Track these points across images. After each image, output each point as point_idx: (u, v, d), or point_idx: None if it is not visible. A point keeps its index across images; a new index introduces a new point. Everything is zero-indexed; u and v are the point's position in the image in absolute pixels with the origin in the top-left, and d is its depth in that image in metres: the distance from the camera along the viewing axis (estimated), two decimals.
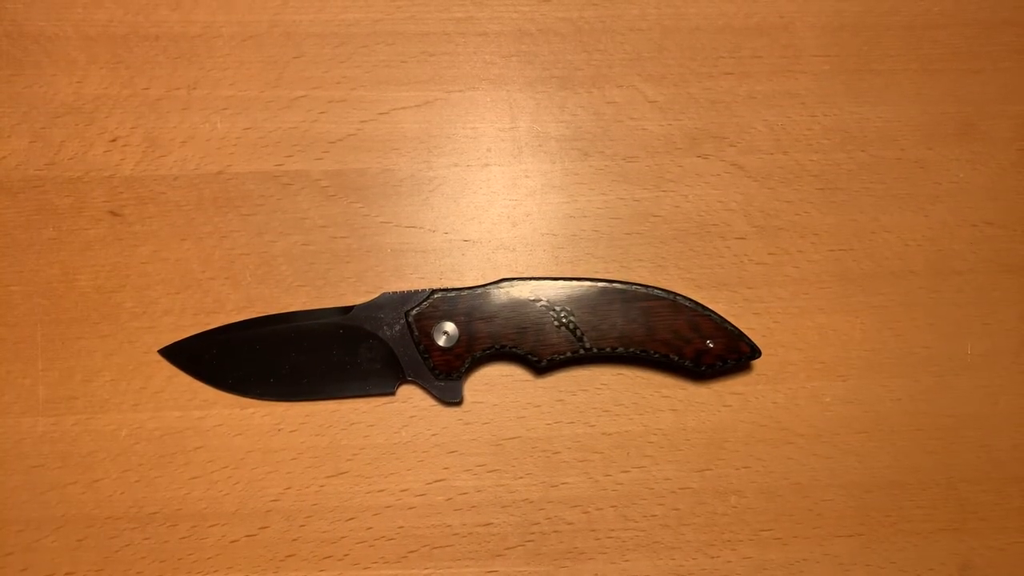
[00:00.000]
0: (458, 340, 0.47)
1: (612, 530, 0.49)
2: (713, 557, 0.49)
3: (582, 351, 0.48)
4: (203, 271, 0.49)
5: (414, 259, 0.50)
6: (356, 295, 0.50)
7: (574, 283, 0.48)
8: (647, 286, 0.48)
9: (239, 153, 0.50)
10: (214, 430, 0.49)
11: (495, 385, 0.50)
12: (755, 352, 0.48)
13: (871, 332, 0.51)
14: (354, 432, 0.49)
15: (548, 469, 0.49)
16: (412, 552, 0.48)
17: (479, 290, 0.48)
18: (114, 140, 0.50)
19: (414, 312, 0.48)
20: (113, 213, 0.50)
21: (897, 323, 0.51)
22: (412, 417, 0.49)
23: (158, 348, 0.49)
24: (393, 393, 0.49)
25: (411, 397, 0.49)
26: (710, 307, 0.48)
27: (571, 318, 0.47)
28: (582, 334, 0.47)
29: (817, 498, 0.49)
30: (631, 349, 0.48)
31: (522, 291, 0.48)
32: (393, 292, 0.48)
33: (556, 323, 0.47)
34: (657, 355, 0.48)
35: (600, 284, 0.48)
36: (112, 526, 0.48)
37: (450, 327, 0.47)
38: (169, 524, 0.48)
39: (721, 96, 0.52)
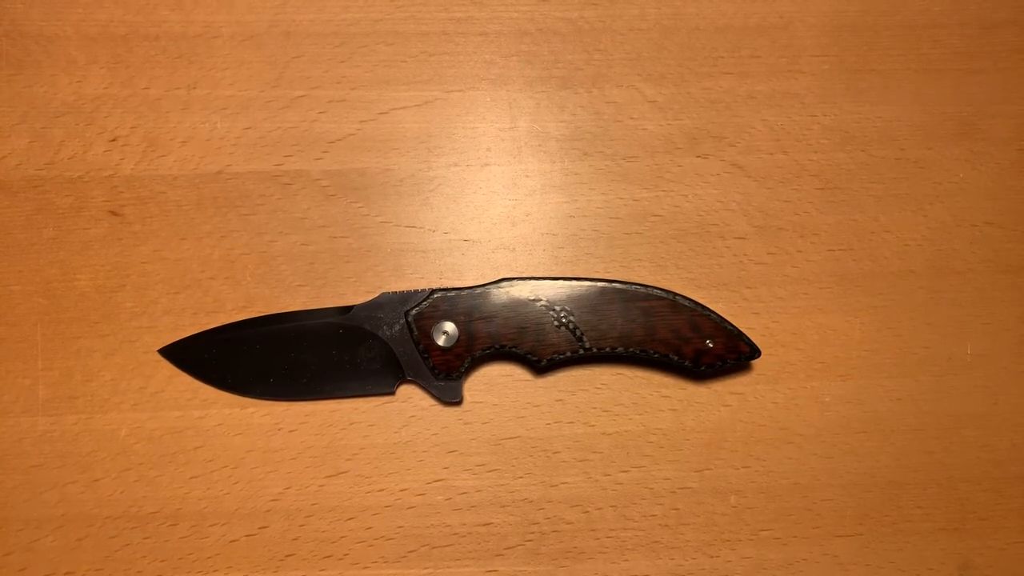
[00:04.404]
0: (458, 340, 0.47)
1: (612, 530, 0.49)
2: (712, 557, 0.49)
3: (582, 351, 0.48)
4: (203, 271, 0.50)
5: (414, 259, 0.50)
6: (356, 295, 0.50)
7: (574, 283, 0.48)
8: (647, 286, 0.48)
9: (239, 153, 0.50)
10: (214, 430, 0.49)
11: (495, 385, 0.50)
12: (754, 352, 0.48)
13: (871, 332, 0.51)
14: (354, 432, 0.49)
15: (548, 469, 0.49)
16: (412, 552, 0.48)
17: (479, 290, 0.48)
18: (114, 140, 0.50)
19: (414, 312, 0.48)
20: (113, 213, 0.50)
21: (897, 323, 0.51)
22: (412, 417, 0.49)
23: (158, 348, 0.49)
24: (393, 393, 0.49)
25: (411, 397, 0.49)
26: (710, 307, 0.48)
27: (571, 318, 0.47)
28: (582, 334, 0.47)
29: (816, 498, 0.49)
30: (631, 349, 0.48)
31: (522, 291, 0.48)
32: (393, 292, 0.48)
33: (556, 323, 0.47)
34: (657, 355, 0.48)
35: (600, 284, 0.48)
36: (112, 525, 0.48)
37: (450, 327, 0.47)
38: (169, 523, 0.48)
39: (721, 96, 0.52)
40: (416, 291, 0.48)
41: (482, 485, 0.49)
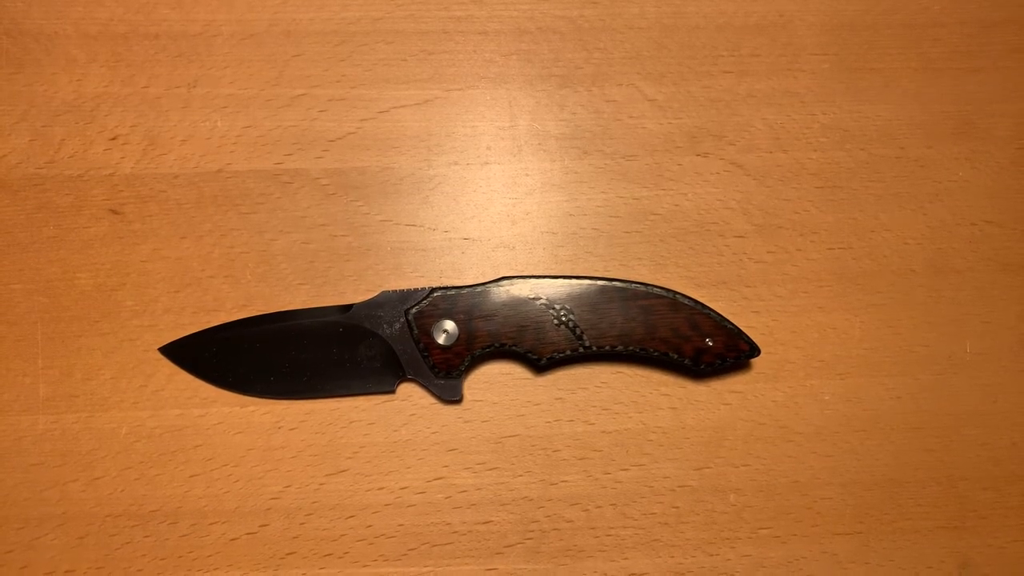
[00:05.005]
0: (458, 338, 0.48)
1: (611, 528, 0.49)
2: (712, 555, 0.49)
3: (581, 349, 0.48)
4: (203, 269, 0.50)
5: (414, 257, 0.50)
6: (356, 293, 0.50)
7: (574, 281, 0.48)
8: (646, 284, 0.48)
9: (239, 151, 0.50)
10: (214, 428, 0.49)
11: (495, 383, 0.50)
12: (754, 350, 0.48)
13: (870, 330, 0.51)
14: (354, 430, 0.49)
15: (547, 467, 0.49)
16: (412, 550, 0.48)
17: (479, 288, 0.48)
18: (114, 138, 0.50)
19: (414, 310, 0.48)
20: (113, 211, 0.50)
21: (896, 321, 0.51)
22: (412, 415, 0.49)
23: (158, 346, 0.49)
24: (393, 391, 0.49)
25: (411, 395, 0.49)
26: (709, 305, 0.48)
27: (571, 316, 0.47)
28: (581, 332, 0.48)
29: (816, 496, 0.49)
30: (630, 347, 0.48)
31: (522, 289, 0.48)
32: (393, 290, 0.48)
33: (556, 321, 0.47)
34: (656, 353, 0.48)
35: (600, 282, 0.48)
36: (112, 524, 0.48)
37: (450, 325, 0.48)
38: (169, 522, 0.48)
39: (720, 94, 0.52)
40: (416, 290, 0.48)
41: (482, 483, 0.49)
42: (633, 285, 0.48)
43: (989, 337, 0.51)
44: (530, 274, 0.50)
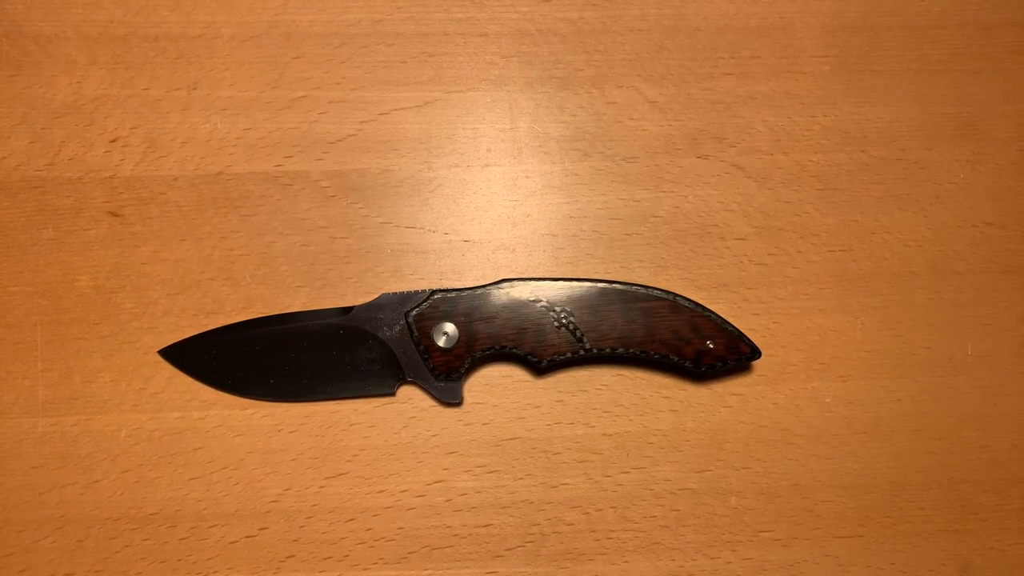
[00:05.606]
0: (458, 341, 0.47)
1: (612, 531, 0.49)
2: (713, 558, 0.49)
3: (582, 352, 0.48)
4: (203, 272, 0.49)
5: (414, 260, 0.50)
6: (356, 296, 0.50)
7: (574, 284, 0.48)
8: (647, 287, 0.48)
9: (239, 154, 0.50)
10: (214, 431, 0.49)
11: (495, 386, 0.50)
12: (755, 353, 0.48)
13: (871, 333, 0.51)
14: (354, 433, 0.49)
15: (548, 470, 0.49)
16: (412, 553, 0.48)
17: (479, 291, 0.48)
18: (114, 141, 0.50)
19: (414, 313, 0.48)
20: (113, 214, 0.50)
21: (897, 324, 0.51)
22: (412, 418, 0.49)
23: (158, 349, 0.49)
24: (393, 394, 0.49)
25: (411, 398, 0.49)
26: (710, 308, 0.48)
27: (571, 319, 0.47)
28: (582, 335, 0.47)
29: (817, 499, 0.49)
30: (631, 350, 0.48)
31: (522, 292, 0.48)
32: (393, 293, 0.48)
33: (556, 324, 0.47)
34: (657, 356, 0.48)
35: (600, 285, 0.48)
36: (111, 527, 0.48)
37: (450, 328, 0.47)
38: (169, 525, 0.48)
39: (721, 97, 0.52)
40: (416, 292, 0.48)
41: (482, 486, 0.49)
42: (633, 287, 0.48)
43: (990, 339, 0.51)
44: (530, 276, 0.50)
